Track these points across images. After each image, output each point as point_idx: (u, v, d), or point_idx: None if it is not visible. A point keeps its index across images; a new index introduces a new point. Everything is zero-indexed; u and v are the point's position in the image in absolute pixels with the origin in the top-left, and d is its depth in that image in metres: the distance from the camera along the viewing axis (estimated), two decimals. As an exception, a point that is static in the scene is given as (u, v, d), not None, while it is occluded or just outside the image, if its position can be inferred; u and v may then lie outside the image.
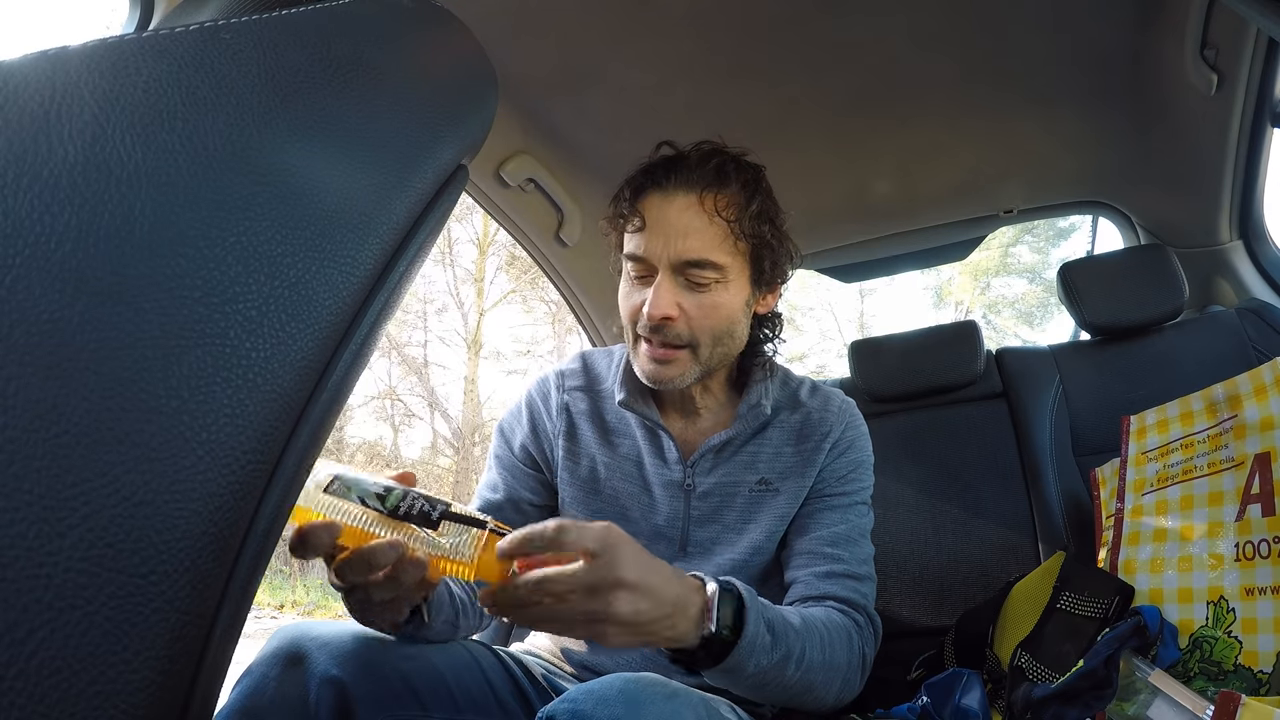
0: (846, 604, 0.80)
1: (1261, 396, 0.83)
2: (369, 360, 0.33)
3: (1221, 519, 0.81)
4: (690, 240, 0.79)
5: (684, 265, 0.79)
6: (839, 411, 0.91)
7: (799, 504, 0.86)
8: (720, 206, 0.80)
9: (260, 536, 0.28)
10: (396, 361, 9.55)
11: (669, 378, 0.82)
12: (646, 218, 0.81)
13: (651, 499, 0.87)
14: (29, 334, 0.22)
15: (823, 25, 1.03)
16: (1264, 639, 0.72)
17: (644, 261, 0.81)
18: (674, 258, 0.79)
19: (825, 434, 0.88)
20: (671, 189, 0.81)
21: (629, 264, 0.83)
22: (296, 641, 0.63)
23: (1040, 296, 9.80)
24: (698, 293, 0.80)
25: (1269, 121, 1.12)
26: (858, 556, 0.84)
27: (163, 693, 0.24)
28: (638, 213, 0.81)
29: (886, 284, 11.22)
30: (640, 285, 0.82)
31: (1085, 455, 1.23)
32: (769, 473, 0.87)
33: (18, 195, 0.23)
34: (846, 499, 0.87)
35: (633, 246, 0.82)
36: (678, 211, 0.80)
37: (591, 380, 0.95)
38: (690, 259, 0.79)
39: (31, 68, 0.25)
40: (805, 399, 0.92)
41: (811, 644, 0.70)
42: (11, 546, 0.21)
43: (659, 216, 0.80)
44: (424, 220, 0.35)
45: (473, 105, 0.40)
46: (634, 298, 0.83)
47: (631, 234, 0.82)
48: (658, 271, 0.80)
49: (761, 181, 0.85)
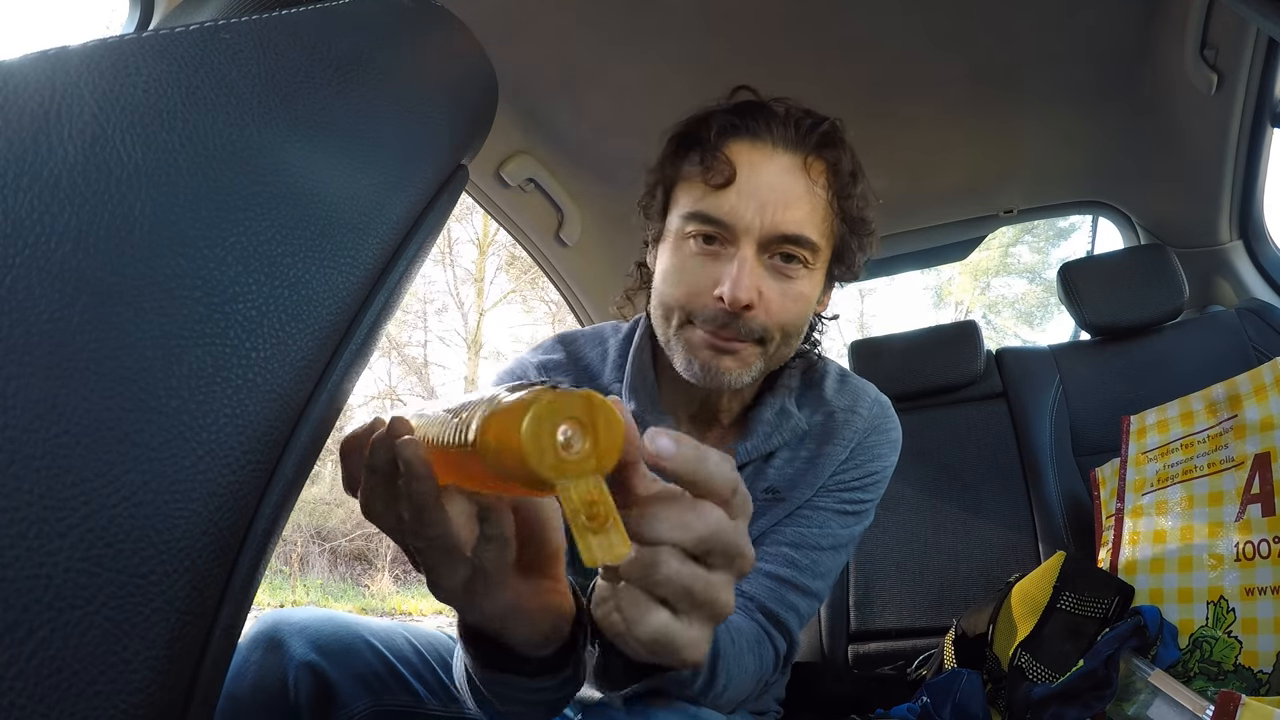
0: (770, 616, 0.68)
1: (1261, 396, 0.83)
2: (369, 360, 0.33)
3: (1221, 519, 0.81)
4: (792, 211, 0.64)
5: (776, 241, 0.65)
6: (868, 415, 0.77)
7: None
8: (828, 177, 0.67)
9: (260, 536, 0.28)
10: (396, 361, 9.55)
11: (728, 372, 0.67)
12: (739, 170, 0.64)
13: None
14: (29, 334, 0.22)
15: (823, 25, 1.03)
16: (1264, 639, 0.73)
17: (723, 227, 0.65)
18: (767, 229, 0.64)
19: (848, 440, 0.76)
20: (773, 143, 0.66)
21: (694, 226, 0.66)
22: (275, 627, 0.64)
23: (1040, 296, 9.80)
24: (782, 278, 0.66)
25: (1269, 121, 1.12)
26: (816, 569, 0.71)
27: (163, 693, 0.24)
28: (725, 161, 0.64)
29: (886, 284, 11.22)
30: (705, 259, 0.66)
31: (1085, 455, 1.23)
32: (778, 480, 0.75)
33: (18, 195, 0.23)
34: (842, 505, 0.75)
35: (711, 206, 0.65)
36: (779, 172, 0.65)
37: (581, 373, 0.77)
38: (787, 233, 0.64)
39: (31, 68, 0.25)
40: (831, 397, 0.78)
41: (734, 665, 0.59)
42: (11, 546, 0.21)
43: (754, 174, 0.64)
44: (424, 220, 0.35)
45: (473, 105, 0.40)
46: (700, 274, 0.66)
47: (712, 189, 0.65)
48: (736, 243, 0.65)
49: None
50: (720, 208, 0.64)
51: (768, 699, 0.89)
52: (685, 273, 0.67)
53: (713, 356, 0.66)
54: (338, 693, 0.63)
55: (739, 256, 0.64)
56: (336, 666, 0.64)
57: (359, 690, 0.65)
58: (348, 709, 0.64)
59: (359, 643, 0.67)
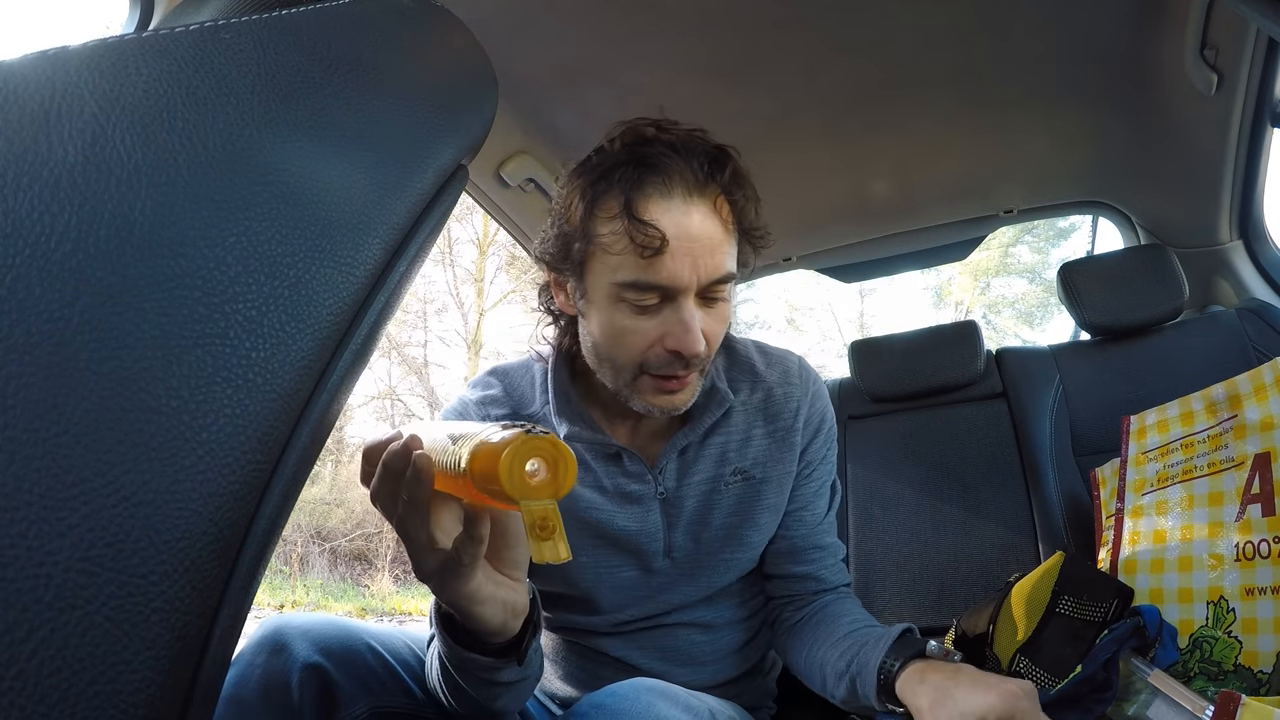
0: (848, 587, 0.86)
1: (1261, 396, 0.83)
2: (369, 360, 0.33)
3: (1221, 519, 0.81)
4: (718, 255, 0.66)
5: (709, 287, 0.68)
6: (800, 381, 0.83)
7: (788, 492, 0.83)
8: (733, 210, 0.69)
9: (260, 536, 0.28)
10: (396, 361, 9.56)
11: (684, 402, 0.72)
12: (666, 234, 0.64)
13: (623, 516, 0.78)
14: (29, 334, 0.22)
15: (823, 25, 1.03)
16: (1264, 639, 0.73)
17: (664, 290, 0.66)
18: (703, 280, 0.66)
19: (795, 411, 0.81)
20: (685, 192, 0.66)
21: (633, 294, 0.66)
22: (279, 630, 0.64)
23: (1040, 296, 9.80)
24: (713, 310, 0.69)
25: (1269, 121, 1.12)
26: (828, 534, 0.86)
27: (163, 693, 0.24)
28: (652, 229, 0.63)
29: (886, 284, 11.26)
30: (645, 316, 0.67)
31: (1085, 455, 1.23)
32: (742, 461, 0.80)
33: (18, 195, 0.23)
34: (827, 475, 0.86)
35: (650, 275, 0.65)
36: (700, 221, 0.65)
37: (517, 406, 0.81)
38: (718, 278, 0.67)
39: (31, 68, 0.25)
40: (763, 371, 0.83)
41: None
42: (12, 546, 0.21)
43: (681, 234, 0.64)
44: (424, 220, 0.35)
45: (473, 105, 0.40)
46: (641, 335, 0.68)
47: (645, 258, 0.64)
48: (675, 298, 0.66)
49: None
50: (659, 275, 0.65)
51: (762, 694, 0.89)
52: (632, 334, 0.68)
53: (668, 398, 0.71)
54: (339, 693, 0.64)
55: (684, 310, 0.66)
56: (339, 668, 0.64)
57: (360, 691, 0.65)
58: (349, 709, 0.64)
59: (360, 645, 0.67)
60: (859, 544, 1.30)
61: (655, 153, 0.66)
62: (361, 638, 0.68)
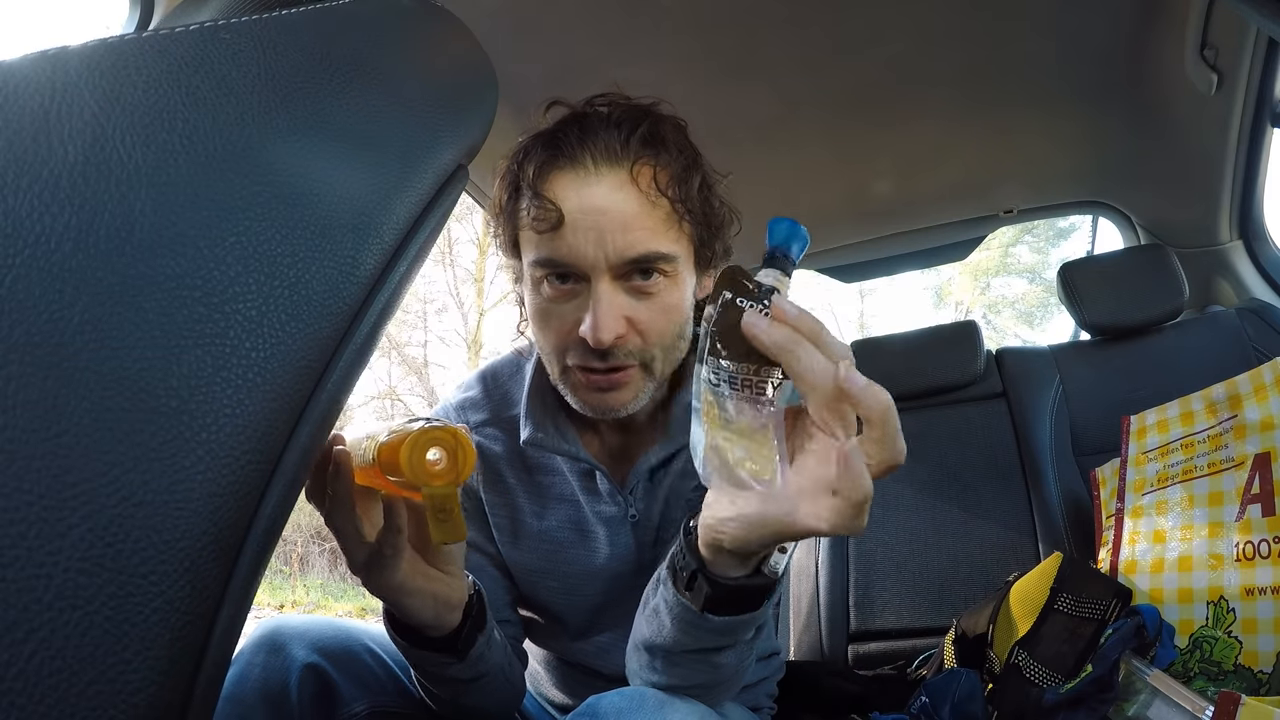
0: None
1: (1261, 396, 0.83)
2: (369, 360, 0.33)
3: (1221, 519, 0.81)
4: (633, 232, 0.60)
5: (627, 265, 0.61)
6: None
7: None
8: (660, 181, 0.61)
9: (260, 536, 0.28)
10: (396, 361, 9.55)
11: (621, 404, 0.65)
12: (564, 208, 0.59)
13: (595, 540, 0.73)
14: (29, 334, 0.22)
15: (823, 25, 1.03)
16: (1264, 639, 0.73)
17: (569, 268, 0.61)
18: (614, 259, 0.60)
19: None
20: (593, 163, 0.61)
21: (541, 272, 0.62)
22: (277, 631, 0.65)
23: (1040, 296, 9.79)
24: (645, 296, 0.62)
25: (1269, 121, 1.12)
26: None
27: (163, 693, 0.24)
28: (549, 203, 0.60)
29: (886, 284, 11.23)
30: (563, 299, 0.63)
31: (1085, 455, 1.23)
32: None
33: (18, 195, 0.23)
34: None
35: (551, 250, 0.61)
36: (607, 194, 0.60)
37: (499, 408, 0.76)
38: (635, 256, 0.60)
39: (31, 68, 0.25)
40: None
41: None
42: (12, 546, 0.21)
43: (582, 207, 0.60)
44: (424, 221, 0.35)
45: (473, 105, 0.40)
46: (559, 319, 0.63)
47: (540, 233, 0.61)
48: (588, 279, 0.61)
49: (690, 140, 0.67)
50: (559, 251, 0.60)
51: (761, 695, 0.89)
52: (550, 317, 0.64)
53: (599, 396, 0.64)
54: (338, 693, 0.64)
55: (594, 293, 0.60)
56: (337, 667, 0.65)
57: (358, 691, 0.66)
58: (347, 709, 0.65)
59: (358, 646, 0.68)
60: (859, 544, 1.30)
61: (573, 125, 0.63)
62: (359, 639, 0.68)
